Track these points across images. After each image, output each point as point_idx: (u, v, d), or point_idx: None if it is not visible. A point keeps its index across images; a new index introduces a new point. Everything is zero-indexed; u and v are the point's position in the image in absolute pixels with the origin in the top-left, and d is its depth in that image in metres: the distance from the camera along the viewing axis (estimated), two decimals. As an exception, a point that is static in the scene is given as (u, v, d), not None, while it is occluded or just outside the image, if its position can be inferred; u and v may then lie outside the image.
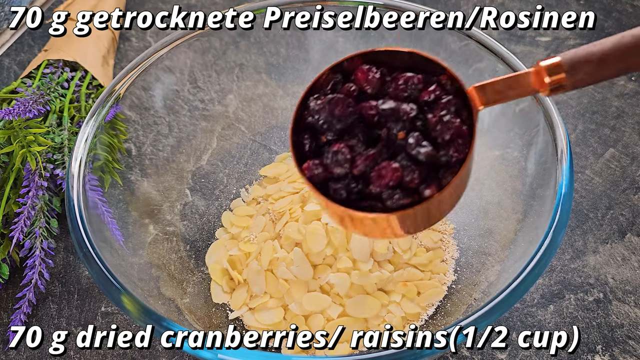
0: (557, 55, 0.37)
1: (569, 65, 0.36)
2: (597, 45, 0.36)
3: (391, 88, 0.38)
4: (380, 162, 0.36)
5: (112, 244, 0.45)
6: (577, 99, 0.64)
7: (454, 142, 0.36)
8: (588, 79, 0.36)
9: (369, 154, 0.37)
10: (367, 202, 0.37)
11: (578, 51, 0.37)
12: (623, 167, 0.59)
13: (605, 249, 0.54)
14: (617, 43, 0.36)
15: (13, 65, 0.71)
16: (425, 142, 0.36)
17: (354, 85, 0.39)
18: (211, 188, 0.57)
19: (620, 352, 0.49)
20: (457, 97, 0.37)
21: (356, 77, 0.39)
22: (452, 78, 0.38)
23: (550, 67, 0.36)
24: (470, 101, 0.37)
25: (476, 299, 0.47)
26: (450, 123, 0.36)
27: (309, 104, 0.39)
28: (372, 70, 0.39)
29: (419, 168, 0.36)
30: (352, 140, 0.37)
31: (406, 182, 0.36)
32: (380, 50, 0.39)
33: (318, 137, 0.39)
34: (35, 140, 0.54)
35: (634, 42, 0.36)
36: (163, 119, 0.55)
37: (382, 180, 0.36)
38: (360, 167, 0.36)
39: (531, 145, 0.48)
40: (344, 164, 0.37)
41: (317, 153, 0.38)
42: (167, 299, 0.47)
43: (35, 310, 0.53)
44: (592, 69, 0.36)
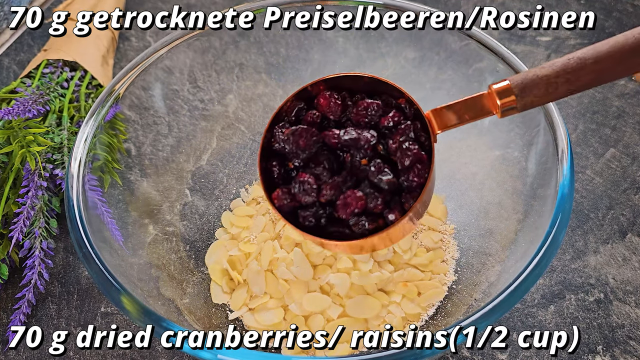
0: (507, 79, 0.37)
1: (519, 89, 0.37)
2: (546, 67, 0.37)
3: (352, 114, 0.40)
4: (345, 190, 0.39)
5: (112, 244, 0.45)
6: (578, 99, 0.64)
7: (414, 168, 0.38)
8: (538, 101, 0.37)
9: (335, 182, 0.39)
10: (336, 227, 0.39)
11: (527, 74, 0.37)
12: (624, 167, 0.59)
13: (606, 249, 0.54)
14: (563, 66, 0.37)
15: (12, 65, 0.71)
16: (386, 170, 0.38)
17: (317, 112, 0.41)
18: (211, 188, 0.56)
19: (621, 352, 0.48)
20: (415, 121, 0.40)
21: (319, 103, 0.41)
22: (410, 102, 0.40)
23: (500, 91, 0.37)
24: (428, 125, 0.39)
25: (477, 299, 0.47)
26: (409, 150, 0.38)
27: (275, 132, 0.41)
28: (333, 96, 0.41)
29: (382, 194, 0.38)
30: (318, 167, 0.39)
31: (370, 208, 0.38)
32: (342, 76, 0.41)
33: (286, 163, 0.41)
34: (34, 140, 0.54)
35: (580, 65, 0.36)
36: (163, 118, 0.55)
37: (348, 209, 0.38)
38: (327, 196, 0.39)
39: (532, 145, 0.48)
40: (310, 193, 0.39)
41: (286, 179, 0.41)
42: (166, 300, 0.47)
43: (34, 310, 0.52)
44: (541, 92, 0.37)
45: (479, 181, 0.53)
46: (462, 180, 0.54)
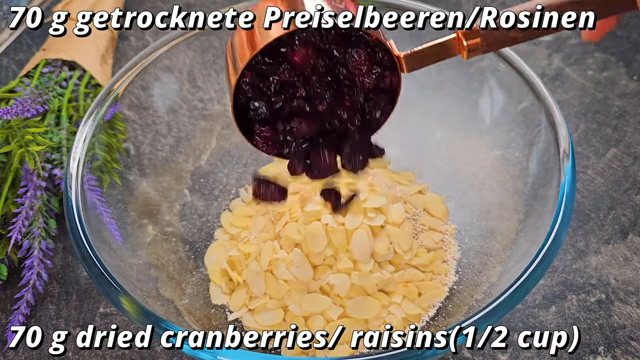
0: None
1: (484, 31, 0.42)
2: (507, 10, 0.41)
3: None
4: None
5: (111, 245, 0.45)
6: (579, 99, 0.64)
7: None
8: (503, 39, 0.42)
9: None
10: None
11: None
12: (625, 167, 0.59)
13: (607, 250, 0.54)
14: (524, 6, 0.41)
15: (11, 64, 0.70)
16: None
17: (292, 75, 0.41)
18: (210, 188, 0.56)
19: (622, 353, 0.48)
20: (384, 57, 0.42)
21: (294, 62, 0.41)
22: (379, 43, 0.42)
23: (466, 33, 0.41)
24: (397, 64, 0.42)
25: (478, 299, 0.46)
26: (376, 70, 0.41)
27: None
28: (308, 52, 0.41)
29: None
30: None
31: None
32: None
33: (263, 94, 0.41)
34: (33, 140, 0.54)
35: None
36: (162, 118, 0.55)
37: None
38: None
39: (533, 145, 0.48)
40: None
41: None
42: (165, 300, 0.47)
43: (33, 311, 0.52)
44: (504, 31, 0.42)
45: (479, 181, 0.53)
46: (463, 181, 0.54)
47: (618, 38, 0.69)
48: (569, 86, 0.65)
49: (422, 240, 0.52)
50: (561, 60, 0.68)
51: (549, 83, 0.65)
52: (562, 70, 0.67)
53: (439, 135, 0.57)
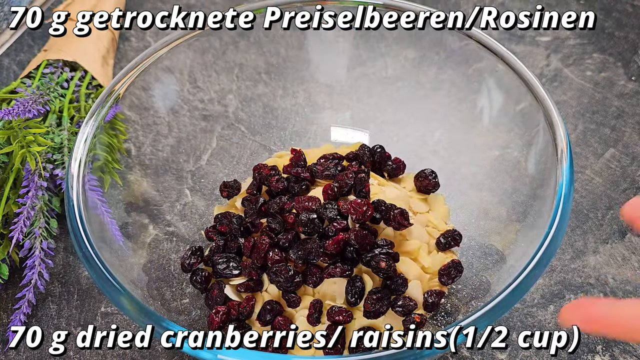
0: None
1: None
2: None
3: None
4: None
5: (112, 245, 0.45)
6: (577, 99, 0.64)
7: None
8: None
9: None
10: None
11: None
12: (623, 167, 0.59)
13: (605, 249, 0.54)
14: None
15: (13, 65, 0.71)
16: None
17: None
18: (211, 188, 0.56)
19: (621, 352, 0.49)
20: None
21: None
22: None
23: None
24: None
25: (477, 299, 0.47)
26: None
27: None
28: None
29: None
30: None
31: None
32: None
33: None
34: (34, 141, 0.54)
35: None
36: (163, 119, 0.55)
37: None
38: None
39: (531, 145, 0.48)
40: None
41: None
42: (166, 300, 0.47)
43: (35, 310, 0.53)
44: None
45: (478, 181, 0.53)
46: (461, 181, 0.54)
47: (616, 38, 0.69)
48: (568, 87, 0.65)
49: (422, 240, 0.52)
50: (559, 60, 0.68)
51: (547, 84, 0.66)
52: (560, 71, 0.67)
53: (438, 136, 0.57)
